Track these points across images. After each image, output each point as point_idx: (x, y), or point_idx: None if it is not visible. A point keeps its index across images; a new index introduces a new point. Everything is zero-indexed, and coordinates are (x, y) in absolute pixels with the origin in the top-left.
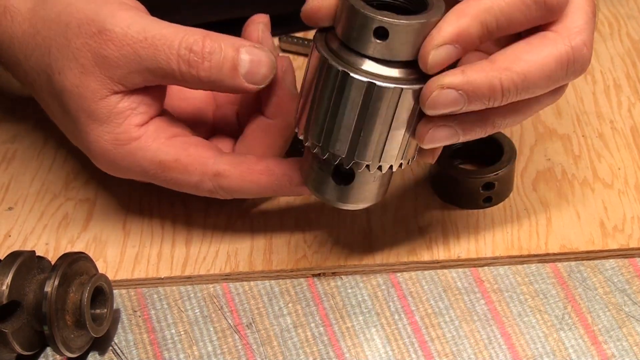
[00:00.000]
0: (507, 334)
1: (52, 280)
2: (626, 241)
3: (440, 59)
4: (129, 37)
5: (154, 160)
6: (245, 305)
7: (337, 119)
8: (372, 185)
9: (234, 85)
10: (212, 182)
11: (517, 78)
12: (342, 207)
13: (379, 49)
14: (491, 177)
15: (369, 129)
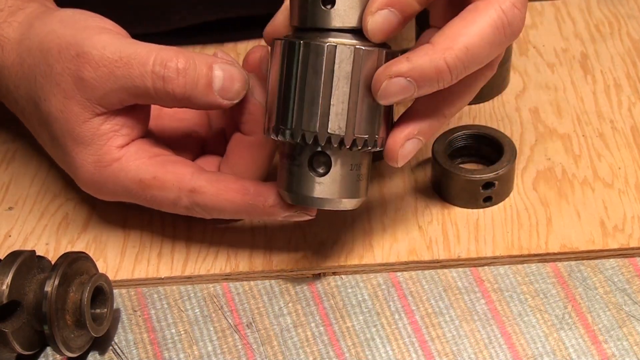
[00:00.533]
0: (507, 333)
1: (52, 280)
2: (626, 241)
3: (379, 24)
4: (105, 58)
5: (135, 179)
6: (245, 305)
7: (306, 95)
8: (351, 174)
9: (208, 101)
10: (188, 198)
11: (461, 54)
12: (327, 206)
13: (330, 18)
14: (491, 177)
15: (337, 96)
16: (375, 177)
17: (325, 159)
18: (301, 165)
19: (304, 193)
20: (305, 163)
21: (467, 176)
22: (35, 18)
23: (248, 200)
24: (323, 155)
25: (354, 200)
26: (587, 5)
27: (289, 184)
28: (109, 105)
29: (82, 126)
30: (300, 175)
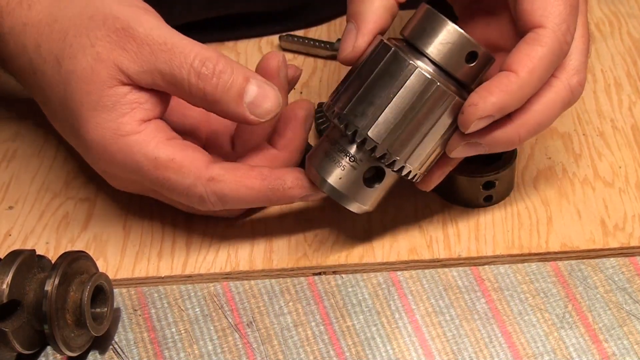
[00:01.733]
0: (507, 332)
1: (52, 279)
2: (627, 240)
3: (478, 127)
4: (151, 38)
5: (151, 156)
6: (245, 304)
7: (390, 109)
8: (384, 192)
9: (236, 111)
10: (205, 187)
11: (532, 128)
12: (339, 199)
13: (445, 58)
14: (492, 176)
15: (413, 125)
16: None
17: (380, 173)
18: (356, 167)
19: (336, 186)
20: (364, 168)
21: (467, 175)
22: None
23: (267, 184)
24: (380, 171)
25: (363, 208)
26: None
27: (325, 168)
28: (139, 82)
29: (107, 90)
30: (346, 171)
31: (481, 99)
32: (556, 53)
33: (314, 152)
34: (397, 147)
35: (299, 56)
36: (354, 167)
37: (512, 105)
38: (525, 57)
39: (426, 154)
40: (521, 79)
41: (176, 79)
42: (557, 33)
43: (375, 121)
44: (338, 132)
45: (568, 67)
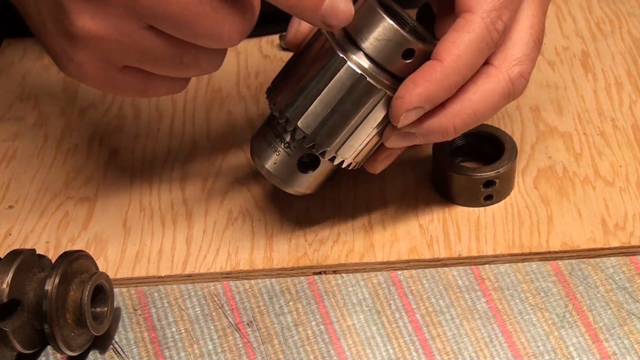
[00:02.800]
0: (507, 332)
1: (52, 279)
2: (627, 239)
3: (409, 120)
4: None
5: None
6: (245, 304)
7: (319, 101)
8: (321, 177)
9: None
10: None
11: (468, 118)
12: (273, 181)
13: (381, 54)
14: (492, 175)
15: (342, 117)
16: (376, 176)
17: (315, 160)
18: (289, 153)
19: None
20: (296, 155)
21: (468, 174)
22: None
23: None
24: (315, 158)
25: (299, 191)
26: (587, 3)
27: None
28: None
29: None
30: (280, 157)
31: (407, 91)
32: (484, 40)
33: (256, 136)
34: (325, 139)
35: None
36: (289, 153)
37: (439, 94)
38: (452, 45)
39: (359, 144)
40: (446, 67)
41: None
42: (486, 20)
43: (305, 112)
44: (274, 118)
45: (509, 57)
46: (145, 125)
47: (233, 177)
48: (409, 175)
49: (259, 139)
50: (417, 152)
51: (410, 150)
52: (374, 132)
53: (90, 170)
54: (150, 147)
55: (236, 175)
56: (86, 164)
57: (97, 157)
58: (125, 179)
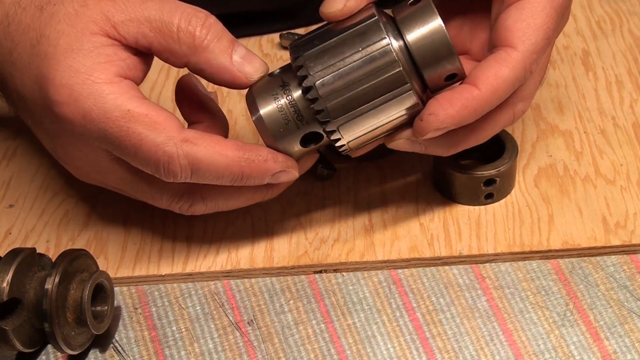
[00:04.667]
0: (508, 330)
1: (52, 278)
2: (628, 237)
3: (434, 136)
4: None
5: (122, 107)
6: (246, 303)
7: (346, 69)
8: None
9: (223, 63)
10: (177, 147)
11: (470, 141)
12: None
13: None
14: (493, 174)
15: (361, 95)
16: (377, 174)
17: (317, 137)
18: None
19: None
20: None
21: (468, 173)
22: None
23: (242, 154)
24: (319, 136)
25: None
26: (588, 2)
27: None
28: (125, 32)
29: (88, 36)
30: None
31: (442, 110)
32: (519, 79)
33: (260, 83)
34: (335, 109)
35: None
36: (298, 126)
37: (468, 120)
38: (492, 76)
39: (362, 130)
40: (483, 96)
41: (165, 24)
42: (526, 60)
43: (327, 74)
44: (291, 72)
45: (518, 94)
46: None
47: None
48: (410, 174)
49: (262, 83)
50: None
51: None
52: (380, 124)
53: None
54: None
55: None
56: None
57: None
58: None
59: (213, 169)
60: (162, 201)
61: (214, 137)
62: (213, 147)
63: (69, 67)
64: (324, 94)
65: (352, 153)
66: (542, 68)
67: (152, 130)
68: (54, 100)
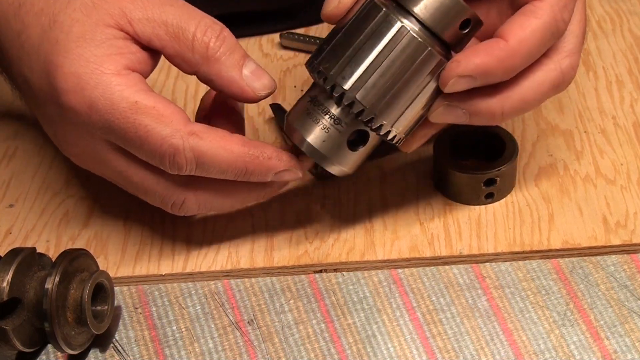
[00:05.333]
0: (508, 330)
1: (52, 277)
2: (629, 237)
3: (458, 87)
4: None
5: (130, 98)
6: (246, 302)
7: (379, 71)
8: (366, 155)
9: (234, 76)
10: (184, 139)
11: (516, 104)
12: (324, 165)
13: (435, 20)
14: (493, 173)
15: (401, 88)
16: (377, 174)
17: (364, 137)
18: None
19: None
20: (347, 132)
21: (468, 173)
22: None
23: (247, 150)
24: (364, 134)
25: (344, 170)
26: (589, 2)
27: (306, 127)
28: (139, 32)
29: (101, 27)
30: (330, 133)
31: (465, 57)
32: (550, 29)
33: (295, 111)
34: (384, 111)
35: (300, 54)
36: (339, 130)
37: (496, 72)
38: (518, 27)
39: (412, 117)
40: (510, 47)
41: (181, 30)
42: (555, 8)
43: (364, 84)
44: (322, 92)
45: (561, 49)
46: None
47: None
48: (410, 173)
49: (300, 114)
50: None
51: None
52: (425, 105)
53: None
54: None
55: None
56: None
57: None
58: None
59: (217, 163)
60: (154, 198)
61: (220, 131)
62: (218, 142)
63: (79, 55)
64: (368, 103)
65: (406, 145)
66: (579, 19)
67: (159, 123)
68: (61, 88)
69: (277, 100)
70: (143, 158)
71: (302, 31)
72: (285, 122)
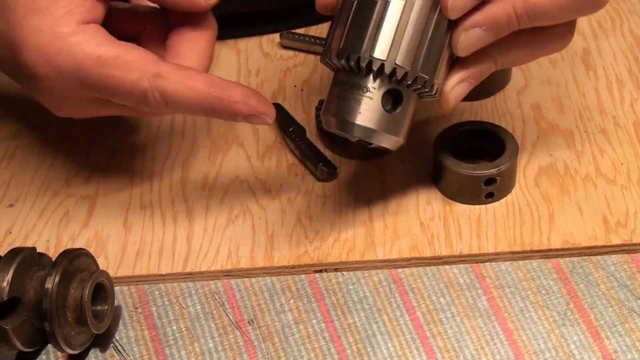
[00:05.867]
0: (508, 330)
1: (52, 277)
2: (629, 236)
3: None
4: None
5: (93, 54)
6: (246, 302)
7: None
8: (409, 117)
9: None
10: (150, 82)
11: (536, 9)
12: (376, 140)
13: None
14: (493, 173)
15: (434, 37)
16: (377, 173)
17: (397, 98)
18: (371, 95)
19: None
20: (378, 96)
21: (468, 172)
22: None
23: (213, 91)
24: (397, 95)
25: (394, 138)
26: None
27: (345, 110)
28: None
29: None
30: (364, 104)
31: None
32: None
33: (328, 102)
34: (424, 67)
35: (300, 54)
36: (370, 97)
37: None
38: None
39: (445, 63)
40: None
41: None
42: None
43: (399, 48)
44: (347, 74)
45: None
46: (146, 123)
47: (234, 174)
48: (410, 172)
49: (333, 102)
50: (419, 150)
51: (411, 147)
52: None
53: (90, 168)
54: (150, 145)
55: (237, 173)
56: (86, 162)
57: (98, 155)
58: (125, 176)
59: (183, 102)
60: None
61: (186, 71)
62: (184, 82)
63: (31, 28)
64: (405, 64)
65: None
66: None
67: (125, 71)
68: (27, 63)
69: (277, 99)
70: (121, 103)
71: (302, 31)
72: (322, 118)
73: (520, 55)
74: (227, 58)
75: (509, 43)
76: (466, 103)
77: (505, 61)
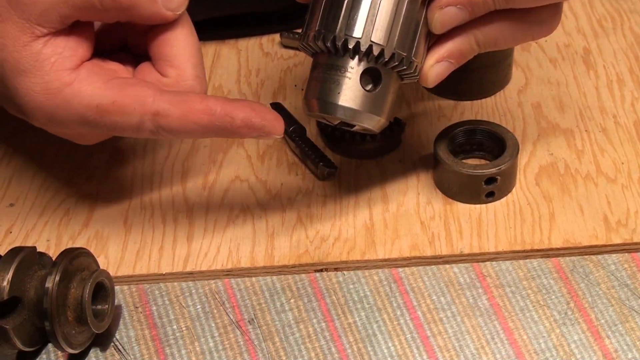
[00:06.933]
0: (509, 329)
1: (53, 276)
2: (630, 235)
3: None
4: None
5: (91, 105)
6: (246, 301)
7: (381, 9)
8: (390, 97)
9: (152, 11)
10: (152, 122)
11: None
12: (358, 121)
13: None
14: (494, 172)
15: (408, 14)
16: (377, 173)
17: (375, 76)
18: (348, 75)
19: (339, 107)
20: (356, 76)
21: (469, 171)
22: None
23: (214, 121)
24: (374, 71)
25: (376, 118)
26: (589, 1)
27: (321, 92)
28: (49, 24)
29: (22, 52)
30: (343, 84)
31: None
32: None
33: (308, 87)
34: (400, 44)
35: (300, 53)
36: (349, 77)
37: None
38: None
39: (424, 42)
40: None
41: (84, 1)
42: None
43: (373, 26)
44: (325, 56)
45: None
46: None
47: (234, 174)
48: (410, 172)
49: (312, 86)
50: (419, 149)
51: (412, 147)
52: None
53: (91, 168)
54: (150, 145)
55: (237, 173)
56: (87, 162)
57: (98, 154)
58: (126, 176)
59: (190, 133)
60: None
61: (185, 104)
62: (185, 117)
63: (25, 91)
64: (382, 40)
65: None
66: None
67: (125, 116)
68: (28, 115)
69: (277, 99)
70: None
71: None
72: (304, 101)
73: (502, 37)
74: (227, 58)
75: (489, 23)
76: (466, 102)
77: (487, 42)
